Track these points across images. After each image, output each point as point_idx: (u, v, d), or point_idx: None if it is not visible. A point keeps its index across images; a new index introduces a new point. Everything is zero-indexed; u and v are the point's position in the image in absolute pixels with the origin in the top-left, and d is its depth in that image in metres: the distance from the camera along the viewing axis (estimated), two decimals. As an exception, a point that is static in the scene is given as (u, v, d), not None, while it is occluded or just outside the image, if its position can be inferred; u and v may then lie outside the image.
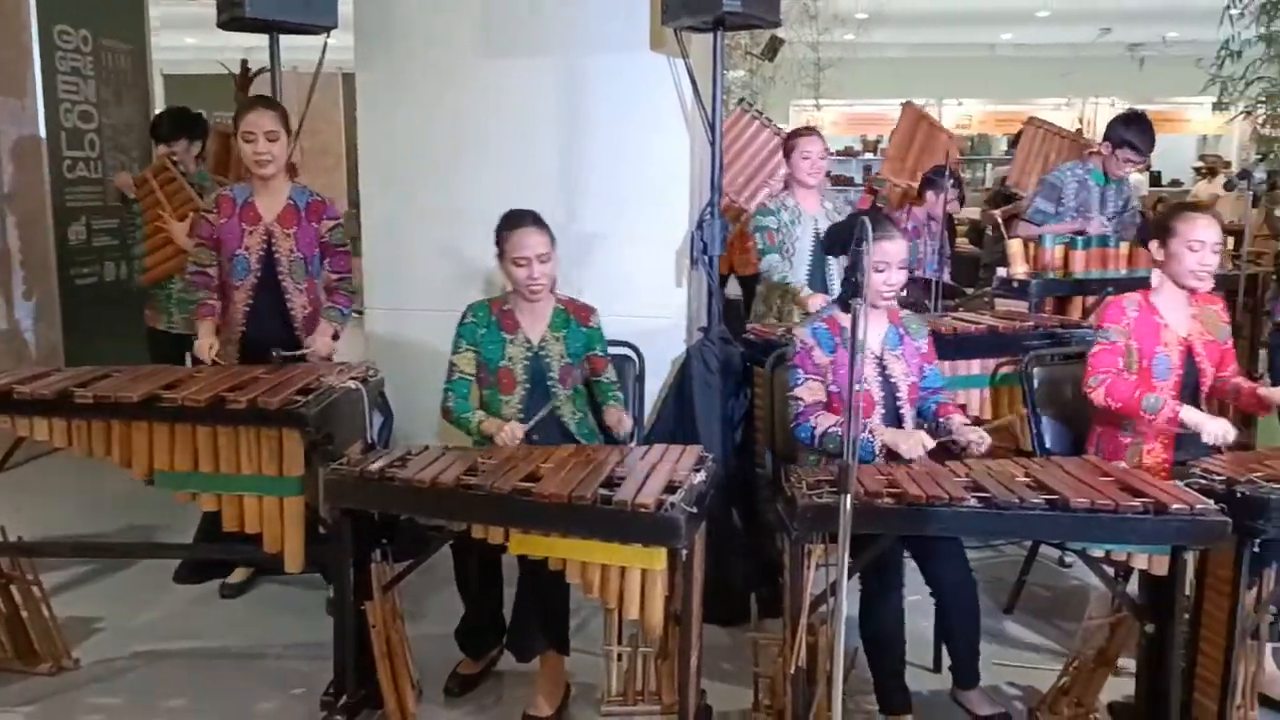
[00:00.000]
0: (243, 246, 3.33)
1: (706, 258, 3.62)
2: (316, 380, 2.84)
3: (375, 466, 2.57)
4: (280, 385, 2.78)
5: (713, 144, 3.58)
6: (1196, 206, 3.10)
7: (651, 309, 3.24)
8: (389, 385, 3.26)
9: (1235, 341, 3.25)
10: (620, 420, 3.01)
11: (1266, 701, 2.83)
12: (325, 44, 4.01)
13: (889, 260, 2.76)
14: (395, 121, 3.97)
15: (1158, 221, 3.07)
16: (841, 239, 2.83)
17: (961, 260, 6.81)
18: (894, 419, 2.84)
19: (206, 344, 3.23)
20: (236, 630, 3.37)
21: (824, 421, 2.72)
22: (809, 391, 2.79)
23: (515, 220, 2.99)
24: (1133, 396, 2.88)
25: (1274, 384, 3.49)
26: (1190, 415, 2.80)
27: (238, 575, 3.68)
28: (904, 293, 3.11)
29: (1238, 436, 2.86)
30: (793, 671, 2.51)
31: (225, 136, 4.84)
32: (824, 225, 3.98)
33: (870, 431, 2.73)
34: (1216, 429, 2.77)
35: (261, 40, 3.91)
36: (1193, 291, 2.99)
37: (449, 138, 3.92)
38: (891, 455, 2.72)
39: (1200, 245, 2.90)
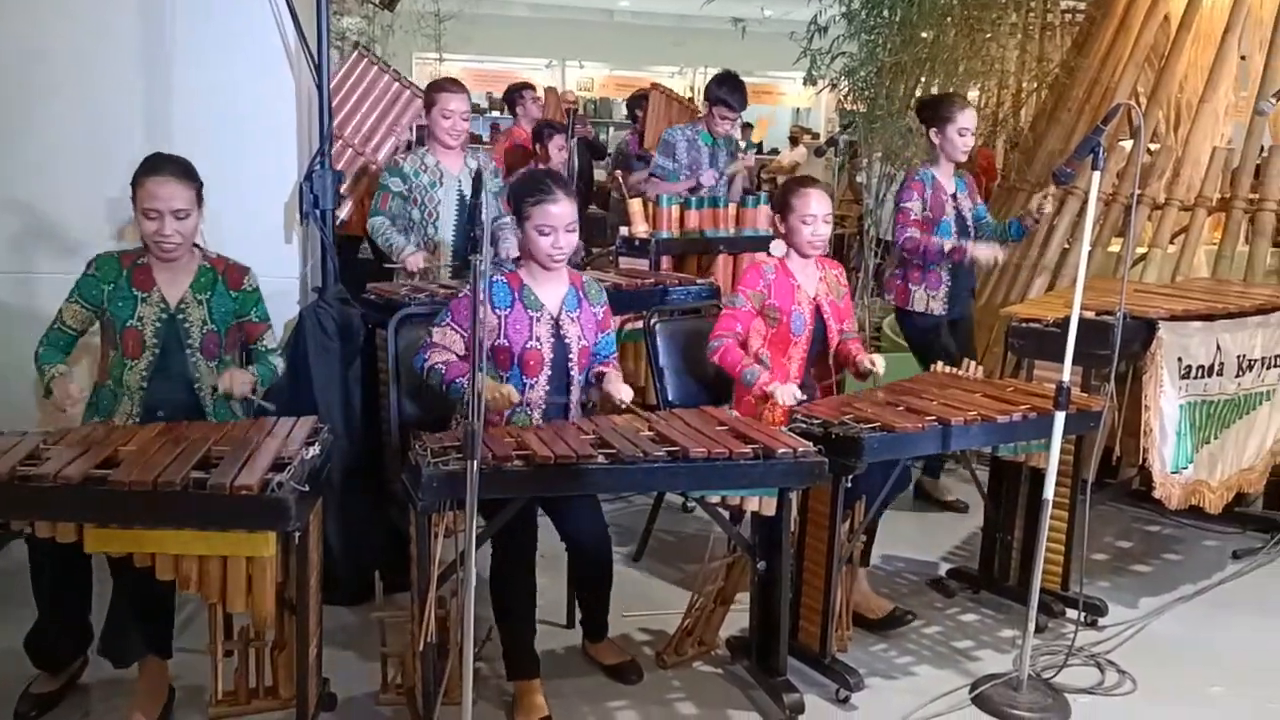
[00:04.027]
0: None
1: (318, 211, 3.35)
2: None
3: (-100, 462, 2.11)
4: None
5: (320, 88, 3.31)
6: (808, 181, 3.33)
7: (259, 268, 2.97)
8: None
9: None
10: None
11: (861, 621, 3.13)
12: None
13: (553, 224, 2.72)
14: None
15: (778, 197, 3.28)
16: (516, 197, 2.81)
17: (592, 222, 6.94)
18: (563, 379, 2.81)
19: None
20: None
21: (435, 357, 2.71)
22: (442, 335, 2.76)
23: (153, 166, 2.65)
24: (737, 367, 3.04)
25: None
26: (775, 389, 2.97)
27: None
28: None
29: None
30: (422, 648, 2.41)
31: None
32: (469, 186, 3.81)
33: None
34: (786, 394, 2.95)
35: None
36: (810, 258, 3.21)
37: (3, 73, 3.31)
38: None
39: (812, 219, 3.13)
